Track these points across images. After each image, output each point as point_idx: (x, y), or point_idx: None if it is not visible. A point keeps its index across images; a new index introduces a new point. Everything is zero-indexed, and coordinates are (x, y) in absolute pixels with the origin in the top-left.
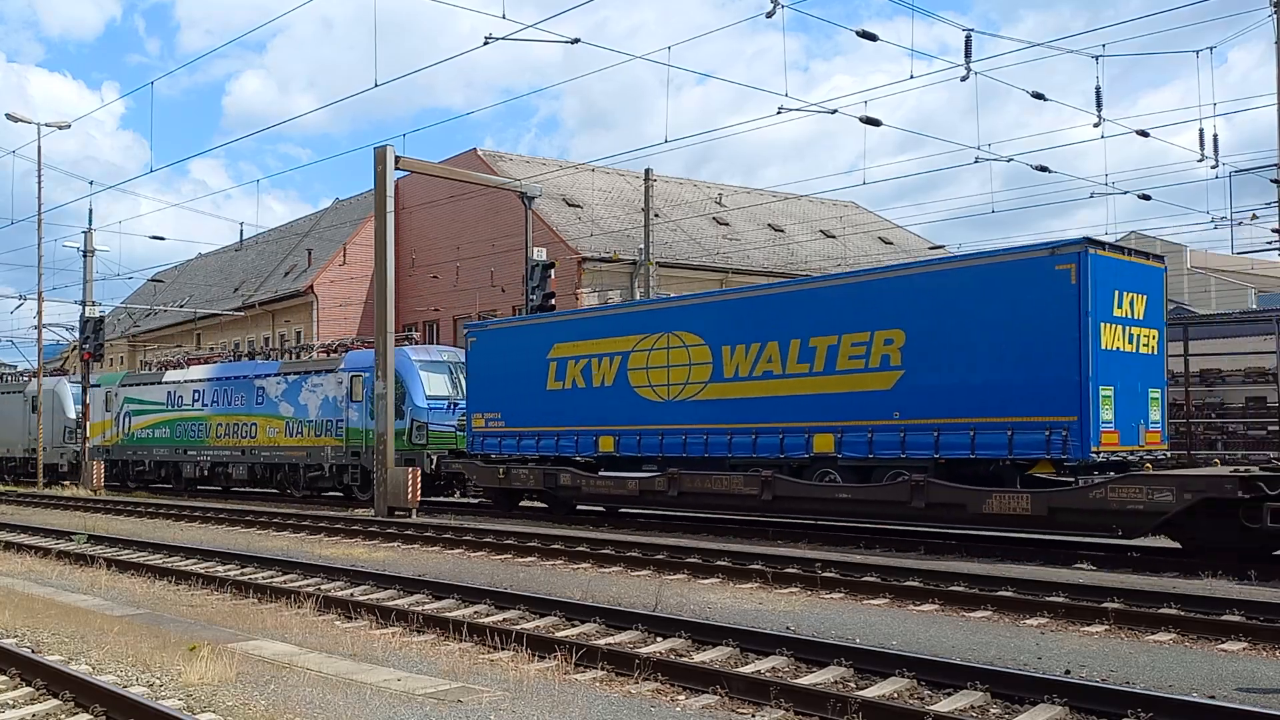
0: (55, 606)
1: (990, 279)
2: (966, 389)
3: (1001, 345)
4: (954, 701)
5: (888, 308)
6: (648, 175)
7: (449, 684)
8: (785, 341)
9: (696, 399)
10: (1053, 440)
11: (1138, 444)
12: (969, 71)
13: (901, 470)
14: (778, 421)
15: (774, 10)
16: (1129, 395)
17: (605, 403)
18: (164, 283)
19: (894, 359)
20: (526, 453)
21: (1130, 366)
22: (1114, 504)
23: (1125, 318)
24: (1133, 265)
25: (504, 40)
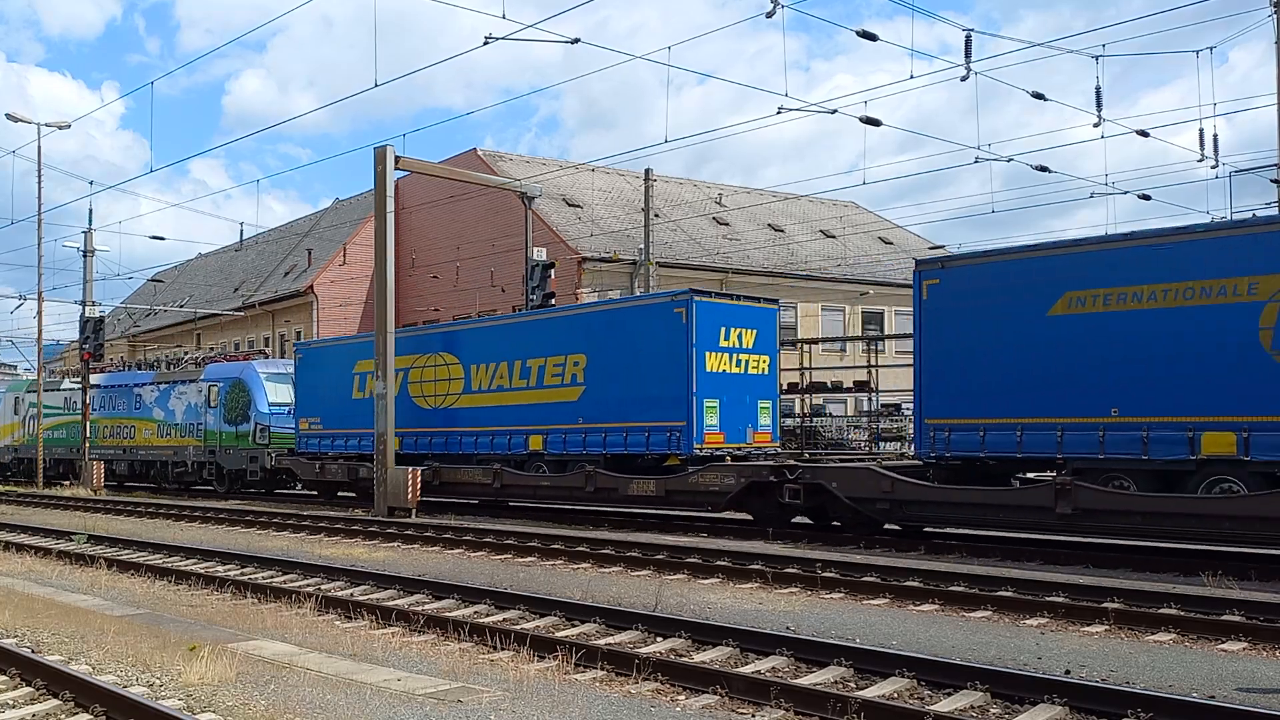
0: (55, 606)
1: (638, 317)
2: (624, 400)
3: (645, 368)
4: (954, 701)
5: (577, 337)
6: (648, 175)
7: (449, 684)
8: (512, 362)
9: (454, 407)
10: (671, 439)
11: (745, 442)
12: (969, 71)
13: (584, 463)
14: (507, 425)
15: (774, 10)
16: (736, 406)
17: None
18: (164, 283)
19: (579, 377)
20: (338, 450)
21: (737, 384)
22: (703, 486)
23: (732, 347)
24: (741, 308)
25: (504, 40)
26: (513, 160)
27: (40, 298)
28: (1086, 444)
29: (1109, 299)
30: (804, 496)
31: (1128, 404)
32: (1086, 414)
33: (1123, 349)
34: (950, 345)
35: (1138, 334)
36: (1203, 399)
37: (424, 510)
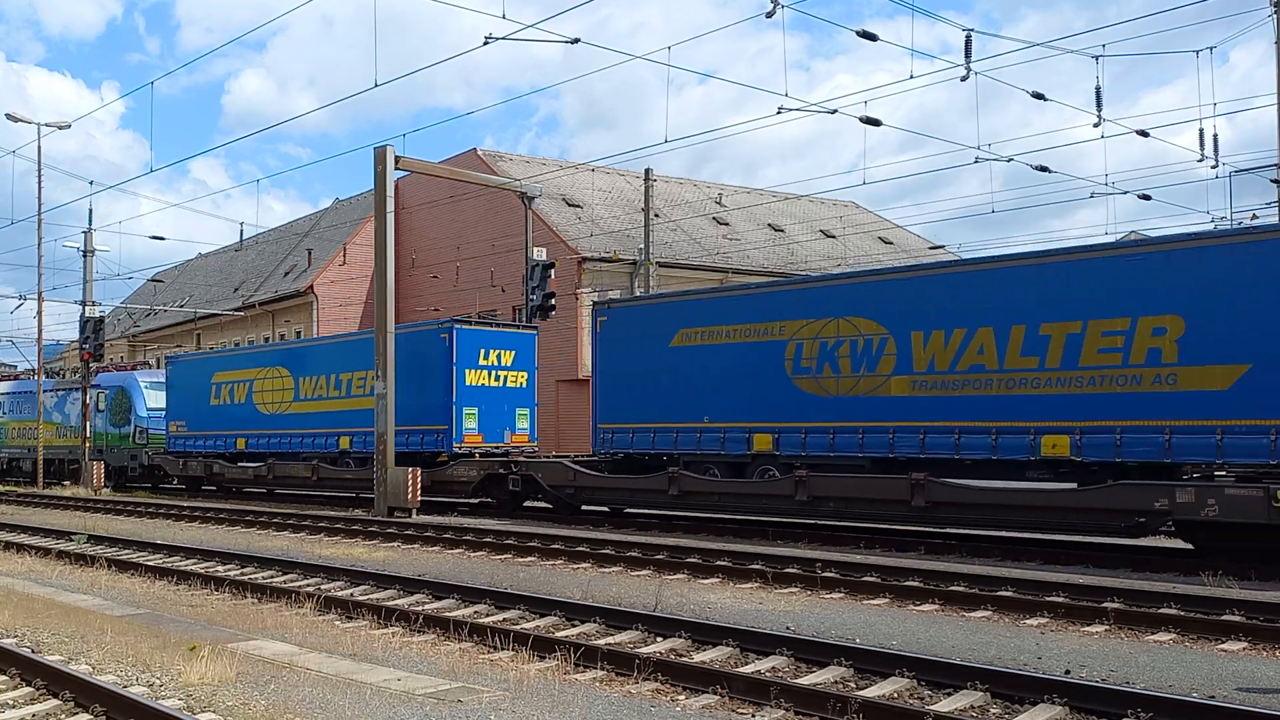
0: (55, 606)
1: (420, 341)
2: (409, 408)
3: (422, 382)
4: (954, 701)
5: None
6: (648, 175)
7: (449, 684)
8: (329, 376)
9: (287, 412)
10: (438, 439)
11: (503, 442)
12: (969, 71)
13: None
14: (325, 428)
15: (774, 10)
16: (494, 413)
17: (241, 414)
18: (164, 283)
19: None
20: (199, 449)
21: (495, 395)
22: (455, 477)
23: (491, 365)
24: (501, 333)
25: (504, 40)
26: (513, 160)
27: (40, 298)
28: (691, 442)
29: (704, 335)
30: (523, 485)
31: (714, 413)
32: (691, 420)
33: (712, 372)
34: (613, 366)
35: (720, 361)
36: (755, 410)
37: (423, 510)
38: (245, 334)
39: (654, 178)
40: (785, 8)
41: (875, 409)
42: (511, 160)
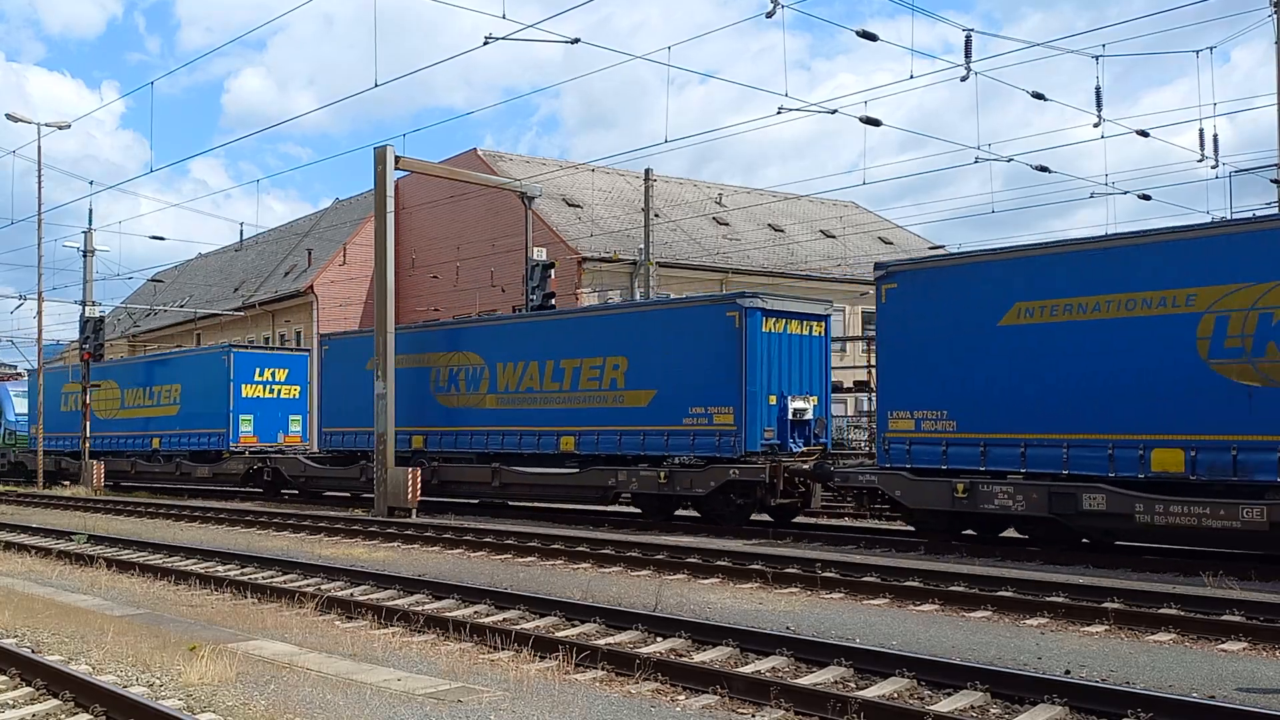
0: (55, 606)
1: (208, 360)
2: (199, 414)
3: (206, 394)
4: (954, 701)
5: (177, 372)
6: (648, 175)
7: (449, 684)
8: (143, 388)
9: (115, 418)
10: (220, 440)
11: (276, 442)
12: (969, 71)
13: (177, 456)
14: (138, 431)
15: (774, 10)
16: (269, 419)
17: (79, 419)
18: (164, 283)
19: (177, 399)
20: (54, 449)
21: (269, 404)
22: (229, 470)
23: (267, 380)
24: (275, 355)
25: (504, 40)
26: (513, 160)
27: (40, 298)
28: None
29: (413, 361)
30: (273, 476)
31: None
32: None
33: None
34: (332, 385)
35: (412, 381)
36: None
37: (423, 510)
38: (245, 334)
39: (654, 178)
40: (785, 8)
41: (474, 418)
42: (511, 160)
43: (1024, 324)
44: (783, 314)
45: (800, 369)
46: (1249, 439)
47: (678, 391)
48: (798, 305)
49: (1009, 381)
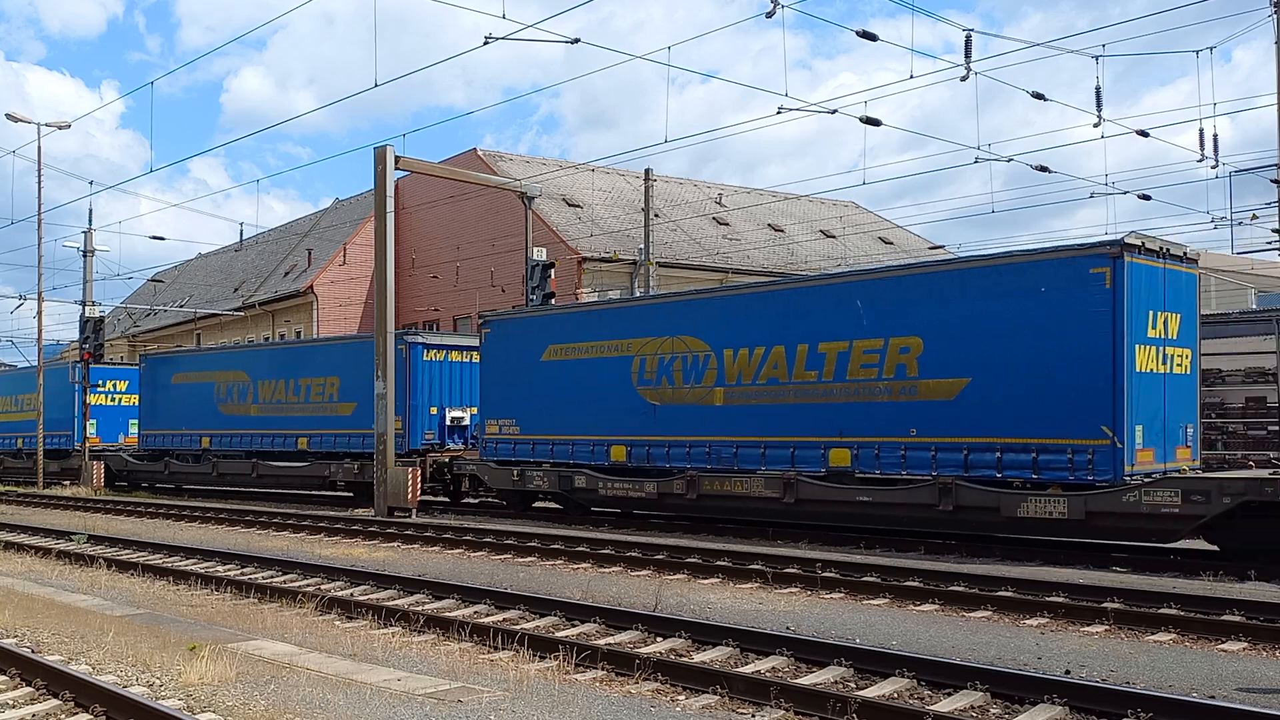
0: (55, 606)
1: (61, 373)
2: (57, 419)
3: (62, 401)
4: (954, 701)
5: (26, 384)
6: (648, 175)
7: (449, 684)
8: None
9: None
10: (68, 440)
11: (116, 443)
12: (969, 71)
13: None
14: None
15: (774, 10)
16: (110, 423)
17: (16, 424)
18: (164, 283)
19: (35, 406)
20: None
21: (112, 411)
22: (75, 465)
23: (109, 390)
24: (116, 369)
25: (504, 40)
26: (513, 160)
27: (40, 298)
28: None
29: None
30: (106, 470)
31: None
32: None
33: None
34: (153, 393)
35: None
36: None
37: (422, 510)
38: (245, 334)
39: (654, 178)
40: (785, 8)
41: (243, 423)
42: (511, 160)
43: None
44: (442, 346)
45: (459, 387)
46: (655, 438)
47: (368, 404)
48: (456, 339)
49: (544, 398)
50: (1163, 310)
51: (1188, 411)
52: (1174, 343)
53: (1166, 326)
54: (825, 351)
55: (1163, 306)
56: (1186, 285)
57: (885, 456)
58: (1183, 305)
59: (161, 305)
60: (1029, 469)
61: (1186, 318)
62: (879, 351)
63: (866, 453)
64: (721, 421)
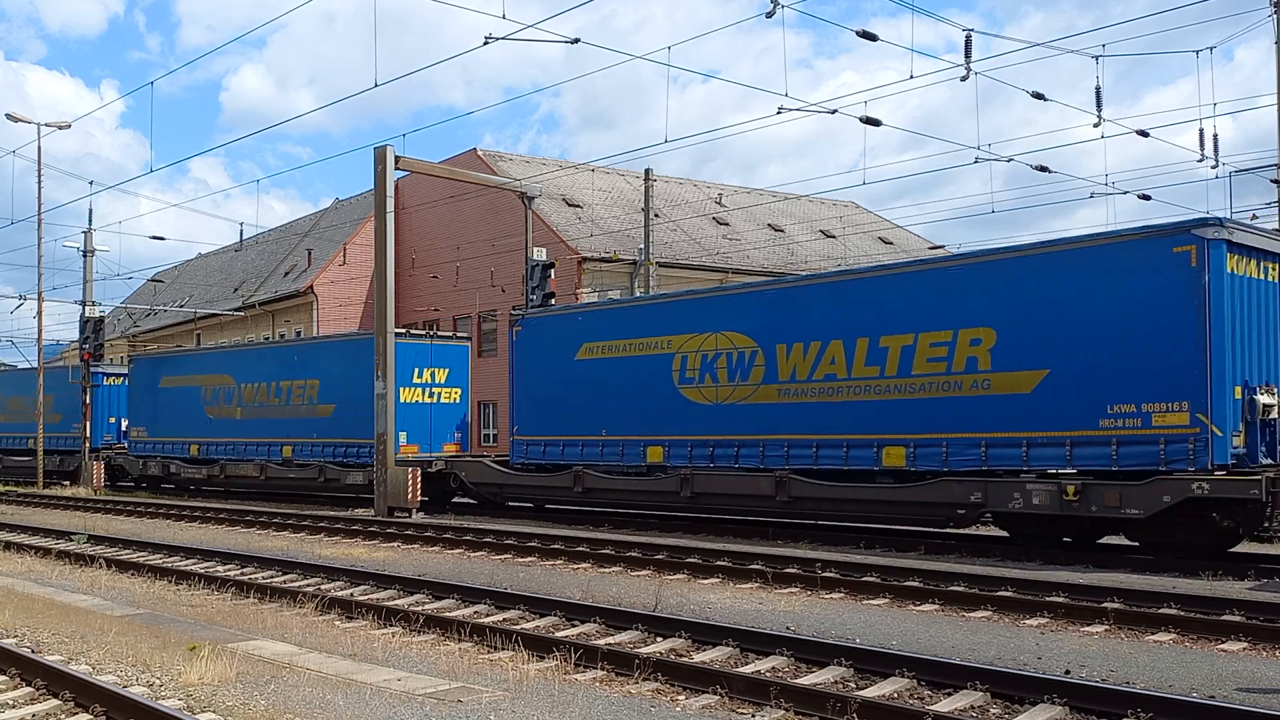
0: (55, 606)
1: None
2: None
3: None
4: (954, 701)
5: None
6: (648, 175)
7: (449, 684)
8: None
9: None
10: None
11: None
12: (969, 71)
13: None
14: None
15: (774, 10)
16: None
17: None
18: (164, 283)
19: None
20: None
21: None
22: None
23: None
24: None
25: (504, 40)
26: (513, 160)
27: (40, 298)
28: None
29: None
30: None
31: None
32: None
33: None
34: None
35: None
36: None
37: (421, 510)
38: (245, 334)
39: (654, 178)
40: (785, 8)
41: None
42: (511, 160)
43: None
44: None
45: None
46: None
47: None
48: None
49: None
50: None
51: None
52: None
53: None
54: (887, 346)
55: None
56: None
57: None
58: None
59: (161, 305)
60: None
61: None
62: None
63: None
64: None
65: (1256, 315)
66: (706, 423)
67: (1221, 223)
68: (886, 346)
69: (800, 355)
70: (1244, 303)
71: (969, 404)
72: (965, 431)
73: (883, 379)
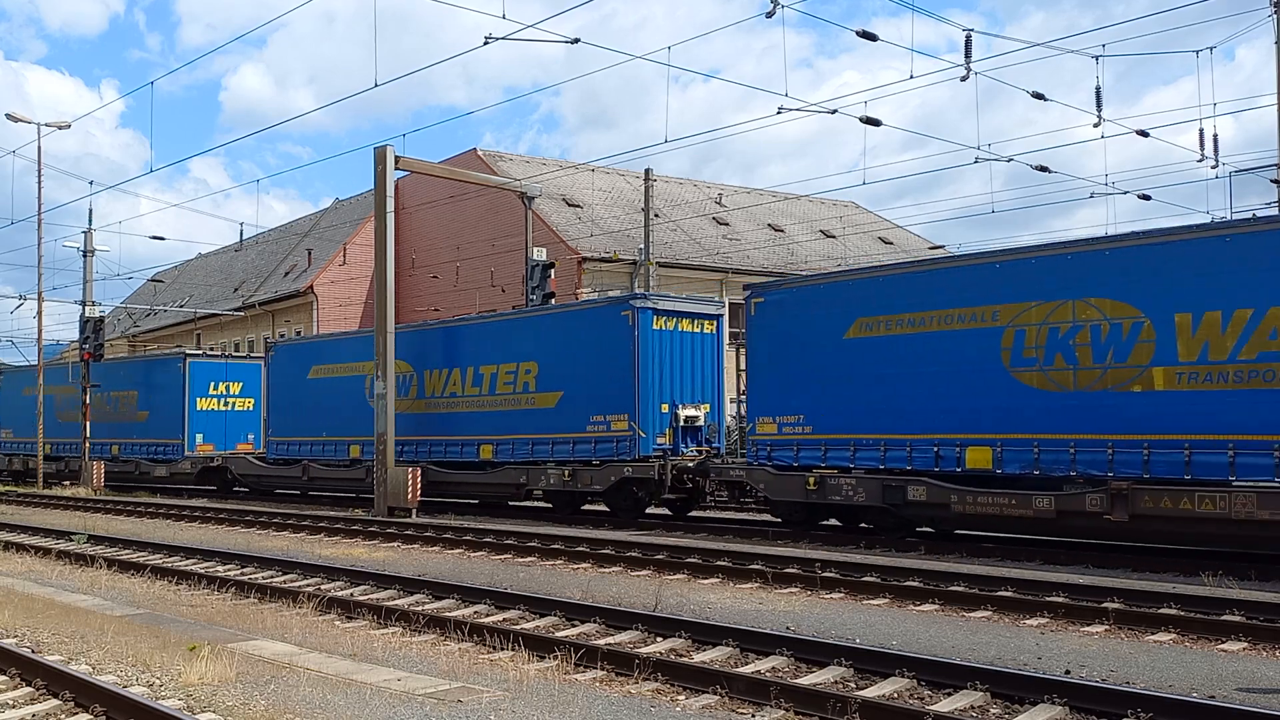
0: (55, 606)
1: None
2: None
3: None
4: (954, 701)
5: None
6: (648, 175)
7: (449, 684)
8: None
9: None
10: None
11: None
12: (969, 71)
13: None
14: None
15: (774, 10)
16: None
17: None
18: (164, 283)
19: None
20: None
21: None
22: None
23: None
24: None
25: (504, 40)
26: (513, 160)
27: (40, 298)
28: None
29: None
30: None
31: None
32: None
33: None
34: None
35: None
36: None
37: (423, 510)
38: (245, 334)
39: (654, 178)
40: (785, 7)
41: None
42: (511, 160)
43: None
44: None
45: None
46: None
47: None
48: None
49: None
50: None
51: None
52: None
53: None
54: (485, 373)
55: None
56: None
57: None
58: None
59: (161, 305)
60: None
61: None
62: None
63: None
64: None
65: (680, 355)
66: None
67: (646, 296)
68: (484, 373)
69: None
70: (670, 347)
71: (522, 415)
72: (520, 433)
73: (480, 396)
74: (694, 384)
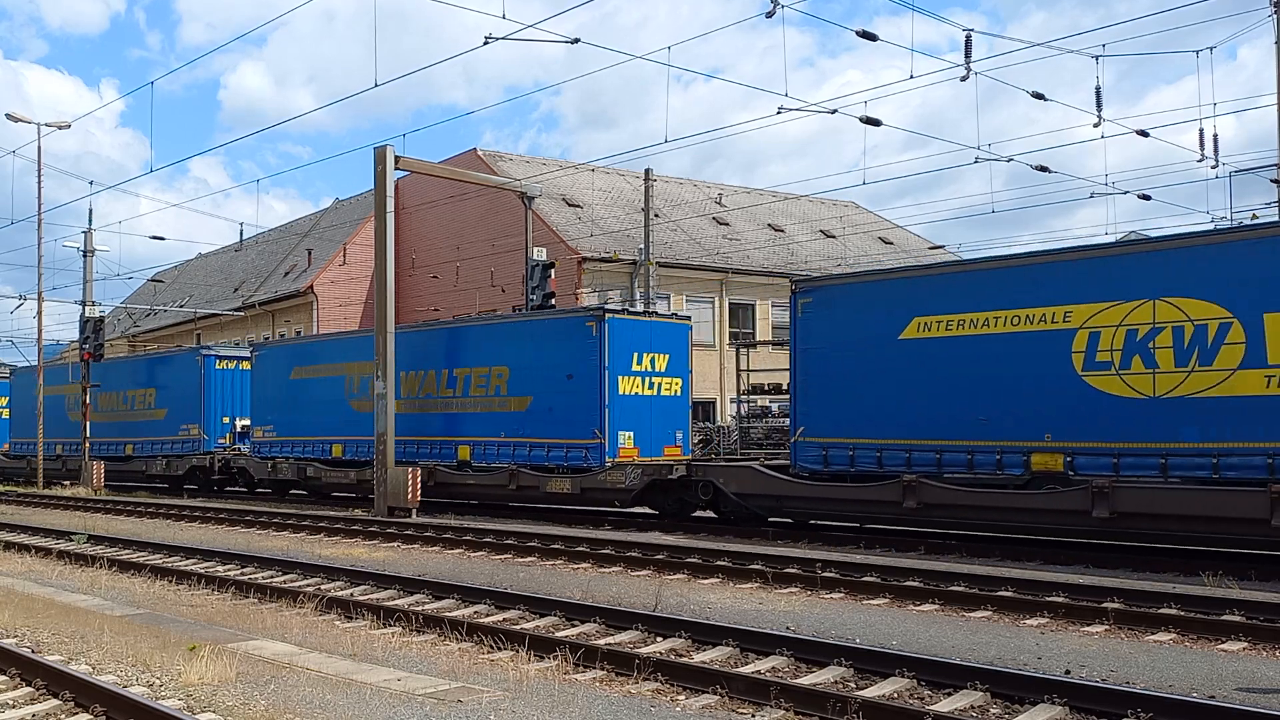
0: (55, 606)
1: None
2: None
3: None
4: (954, 701)
5: None
6: (648, 175)
7: (449, 684)
8: None
9: None
10: None
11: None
12: (969, 71)
13: None
14: None
15: (774, 10)
16: None
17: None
18: (164, 283)
19: None
20: None
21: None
22: None
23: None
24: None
25: (504, 40)
26: (513, 160)
27: (40, 298)
28: None
29: None
30: None
31: None
32: None
33: None
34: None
35: None
36: None
37: (422, 510)
38: (245, 334)
39: (654, 178)
40: (785, 7)
41: None
42: (511, 160)
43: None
44: None
45: None
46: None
47: None
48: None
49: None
50: None
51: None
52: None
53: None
54: (466, 375)
55: None
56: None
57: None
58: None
59: (161, 305)
60: None
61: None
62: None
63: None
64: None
65: None
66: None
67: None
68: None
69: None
70: None
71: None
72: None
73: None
74: None
